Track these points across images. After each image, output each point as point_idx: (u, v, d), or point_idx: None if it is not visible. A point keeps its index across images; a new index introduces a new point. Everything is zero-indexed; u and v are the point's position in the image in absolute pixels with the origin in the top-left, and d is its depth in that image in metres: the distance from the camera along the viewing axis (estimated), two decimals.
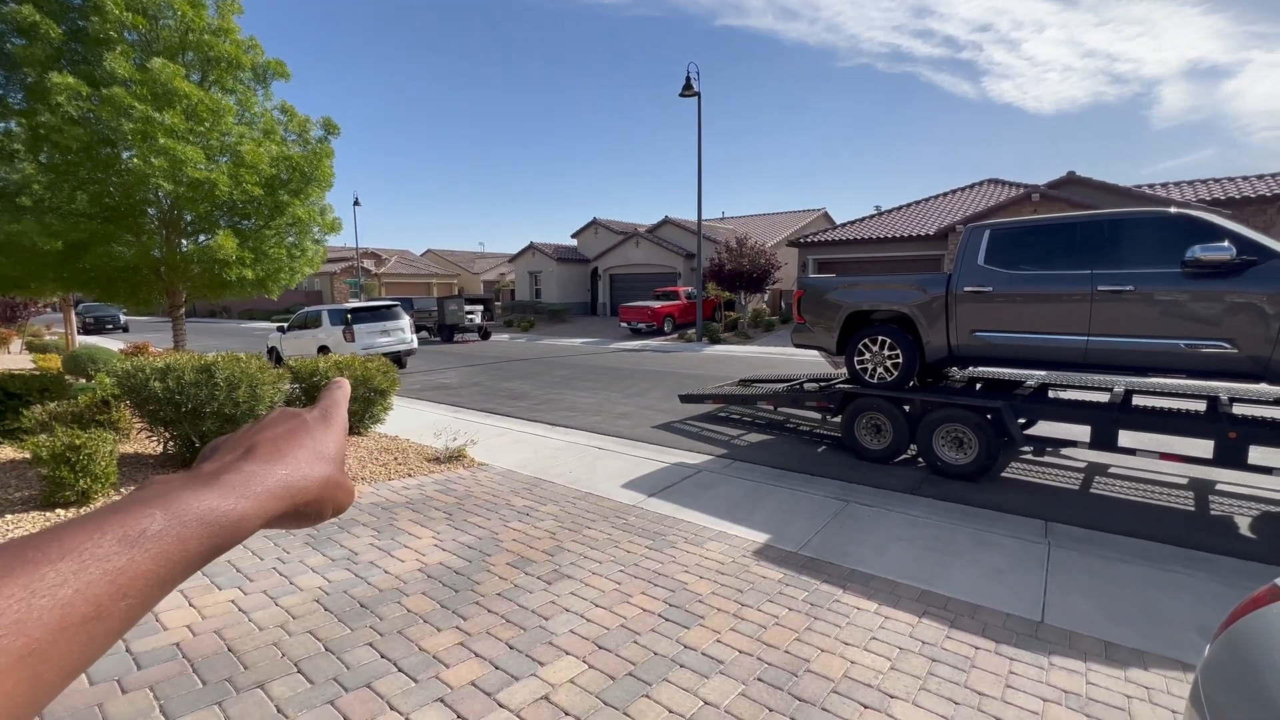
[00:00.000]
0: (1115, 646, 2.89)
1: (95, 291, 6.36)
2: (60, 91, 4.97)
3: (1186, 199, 16.83)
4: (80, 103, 5.16)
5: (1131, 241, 4.89)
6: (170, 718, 2.16)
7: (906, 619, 3.11)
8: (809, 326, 6.84)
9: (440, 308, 22.47)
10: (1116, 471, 5.85)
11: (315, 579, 3.33)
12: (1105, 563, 3.78)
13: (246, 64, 6.27)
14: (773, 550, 3.98)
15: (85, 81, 5.21)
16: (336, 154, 6.61)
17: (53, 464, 3.98)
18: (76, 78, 5.12)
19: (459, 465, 6.00)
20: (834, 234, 23.56)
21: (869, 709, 2.37)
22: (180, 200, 5.78)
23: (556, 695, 2.38)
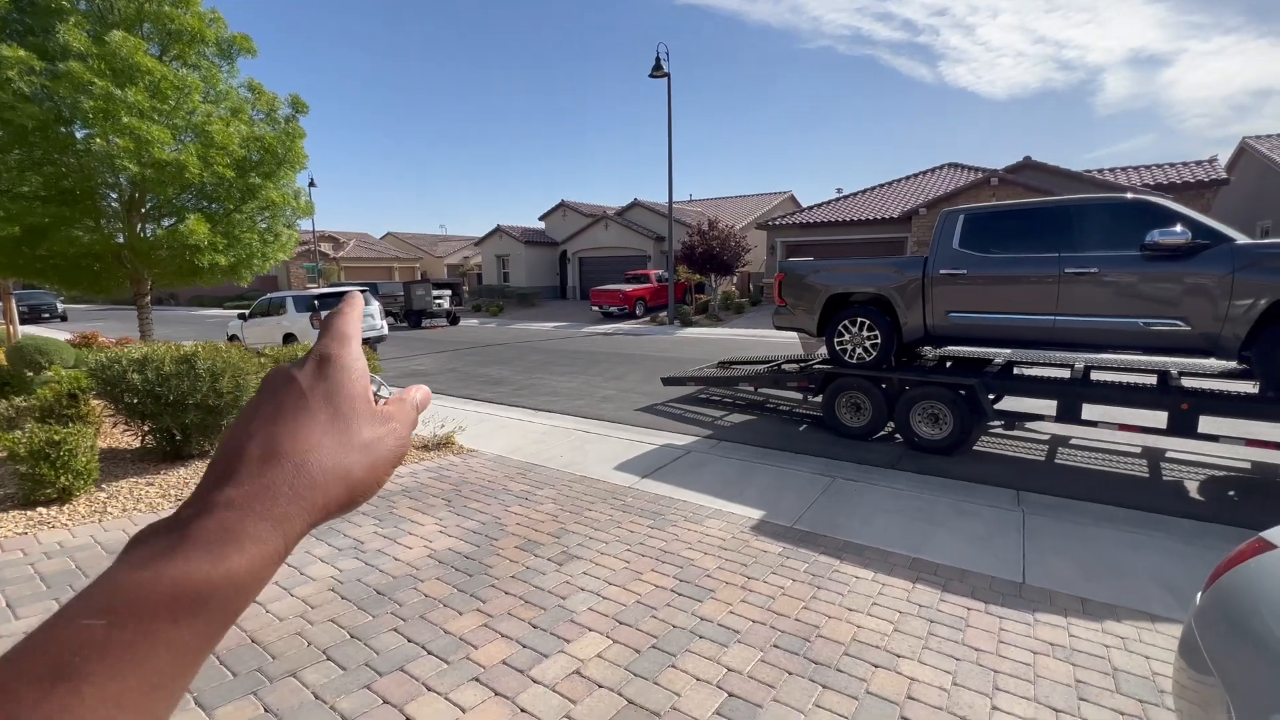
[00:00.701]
0: (1090, 602, 3.15)
1: (55, 279, 6.00)
2: (11, 65, 4.62)
3: (1132, 184, 17.70)
4: (33, 78, 4.83)
5: (1096, 226, 5.18)
6: (207, 709, 2.16)
7: (902, 585, 3.31)
8: (790, 309, 7.01)
9: (407, 292, 21.96)
10: (1078, 443, 6.24)
11: (326, 569, 3.32)
12: (1075, 527, 4.08)
13: (210, 38, 5.94)
14: (769, 525, 4.14)
15: (36, 55, 4.87)
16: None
17: (31, 461, 3.81)
18: (27, 50, 4.78)
19: (448, 452, 5.98)
20: (801, 217, 23.91)
21: (880, 668, 2.54)
22: (146, 183, 5.49)
23: (587, 669, 2.47)
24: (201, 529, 0.29)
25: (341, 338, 0.38)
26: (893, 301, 6.14)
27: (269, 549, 0.30)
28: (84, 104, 4.82)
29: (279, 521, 0.31)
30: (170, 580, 0.27)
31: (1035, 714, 2.28)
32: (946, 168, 24.29)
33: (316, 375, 0.36)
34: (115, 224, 6.11)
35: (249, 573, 0.29)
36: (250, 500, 0.31)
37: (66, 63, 4.84)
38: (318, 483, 0.33)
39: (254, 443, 0.33)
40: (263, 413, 0.34)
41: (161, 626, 0.26)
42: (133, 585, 0.27)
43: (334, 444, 0.34)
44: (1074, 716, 2.27)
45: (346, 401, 0.36)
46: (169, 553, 0.28)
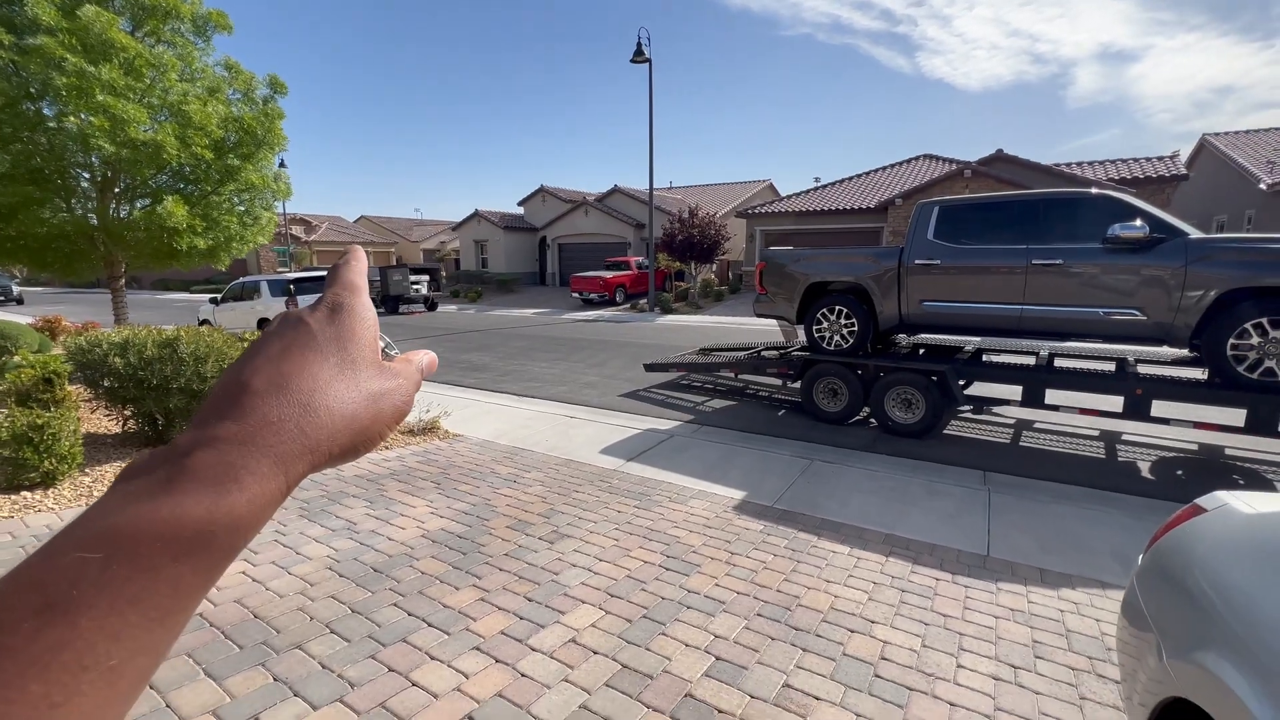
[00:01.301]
0: (1049, 572, 3.39)
1: (25, 260, 5.82)
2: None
3: (1099, 178, 18.26)
4: (1, 52, 4.68)
5: (1062, 219, 5.42)
6: (217, 679, 2.24)
7: (876, 558, 3.51)
8: (770, 297, 7.18)
9: (383, 278, 21.63)
10: (1041, 426, 6.56)
11: (321, 549, 3.39)
12: (1037, 504, 4.34)
13: (185, 14, 5.78)
14: (751, 505, 4.32)
15: (3, 28, 4.71)
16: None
17: (14, 445, 3.78)
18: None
19: (434, 437, 6.02)
20: (780, 205, 24.13)
21: (856, 632, 2.72)
22: (122, 163, 5.36)
23: (582, 638, 2.60)
24: (201, 463, 0.28)
25: (352, 286, 0.37)
26: (869, 290, 6.34)
27: (271, 488, 0.29)
28: (56, 80, 4.68)
29: (282, 460, 0.29)
30: (170, 516, 0.26)
31: (996, 670, 2.48)
32: (922, 159, 24.71)
33: (328, 319, 0.35)
34: (87, 205, 5.96)
35: (250, 511, 0.28)
36: (253, 435, 0.29)
37: (36, 37, 4.70)
38: (324, 424, 0.31)
39: (259, 377, 0.31)
40: (269, 350, 0.33)
41: (161, 562, 0.25)
42: (130, 519, 0.25)
43: (343, 388, 0.33)
44: (1030, 672, 2.48)
45: (357, 348, 0.35)
46: (167, 486, 0.27)
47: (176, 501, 0.26)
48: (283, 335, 0.34)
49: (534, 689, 2.26)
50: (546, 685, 2.28)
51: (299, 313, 0.35)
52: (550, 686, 2.28)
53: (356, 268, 0.38)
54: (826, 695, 2.29)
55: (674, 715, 2.15)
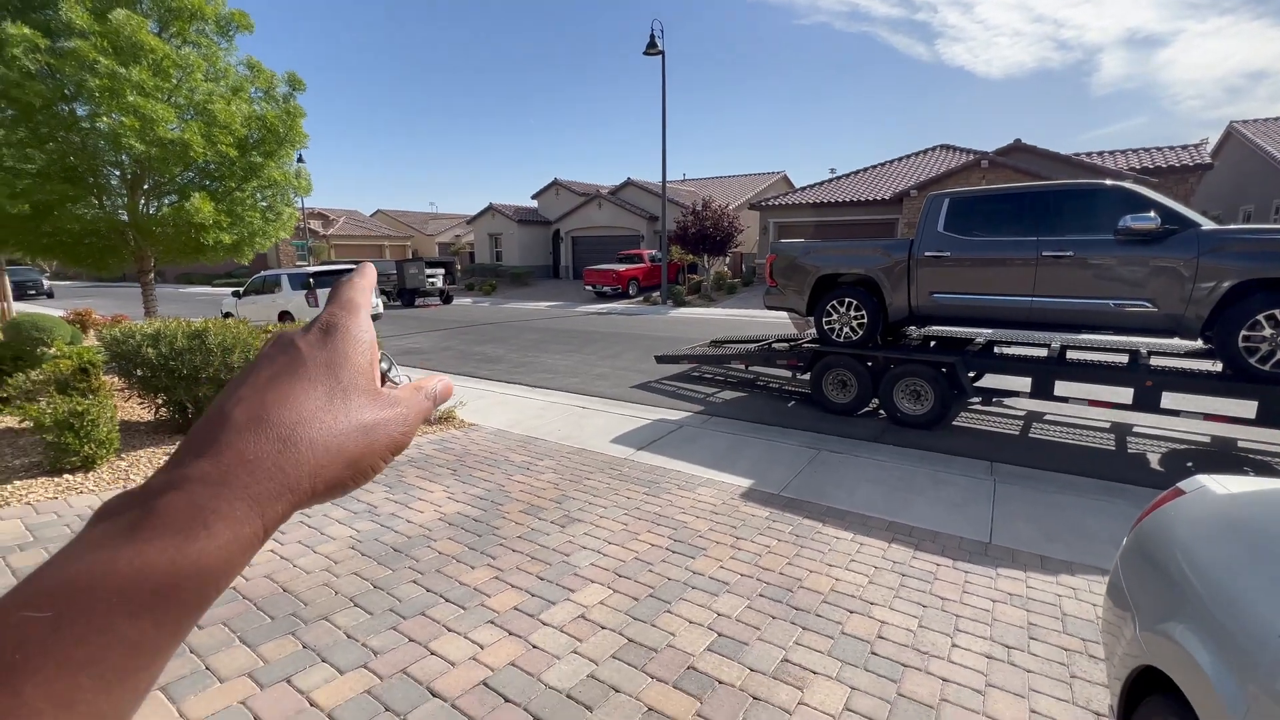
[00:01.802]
0: (1049, 559, 3.45)
1: (61, 256, 6.09)
2: (16, 43, 4.68)
3: (1119, 168, 17.93)
4: (38, 56, 4.89)
5: (1072, 211, 5.41)
6: (251, 646, 2.41)
7: (879, 544, 3.59)
8: (781, 289, 7.23)
9: (400, 271, 21.94)
10: (1051, 418, 6.56)
11: (344, 530, 3.56)
12: (1042, 494, 4.38)
13: (209, 15, 5.97)
14: (758, 493, 4.41)
15: (40, 32, 4.91)
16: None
17: (56, 430, 4.00)
18: (31, 28, 4.83)
19: (450, 426, 6.19)
20: (794, 197, 23.99)
21: (855, 613, 2.82)
22: (151, 161, 5.57)
23: (591, 614, 2.73)
24: (168, 506, 0.26)
25: (350, 306, 0.35)
26: (879, 282, 6.37)
27: (245, 532, 0.27)
28: (90, 82, 4.89)
29: (258, 501, 0.27)
30: (128, 567, 0.24)
31: (990, 650, 2.57)
32: (939, 149, 24.40)
33: (320, 343, 0.33)
34: (118, 201, 6.19)
35: (221, 560, 0.26)
36: (227, 475, 0.27)
37: (70, 40, 4.90)
38: (305, 461, 0.29)
39: (240, 409, 0.30)
40: (255, 378, 0.31)
41: (117, 620, 0.23)
42: (84, 572, 0.24)
43: (330, 420, 0.31)
44: (1023, 652, 2.56)
45: (349, 375, 0.32)
46: (129, 533, 0.25)
47: (137, 551, 0.24)
48: (273, 361, 0.32)
49: (545, 659, 2.39)
50: (556, 656, 2.42)
51: (291, 335, 0.33)
52: (560, 657, 2.41)
53: (359, 284, 0.36)
54: (823, 670, 2.39)
55: (677, 685, 2.27)
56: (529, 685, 2.24)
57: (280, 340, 0.34)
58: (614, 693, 2.21)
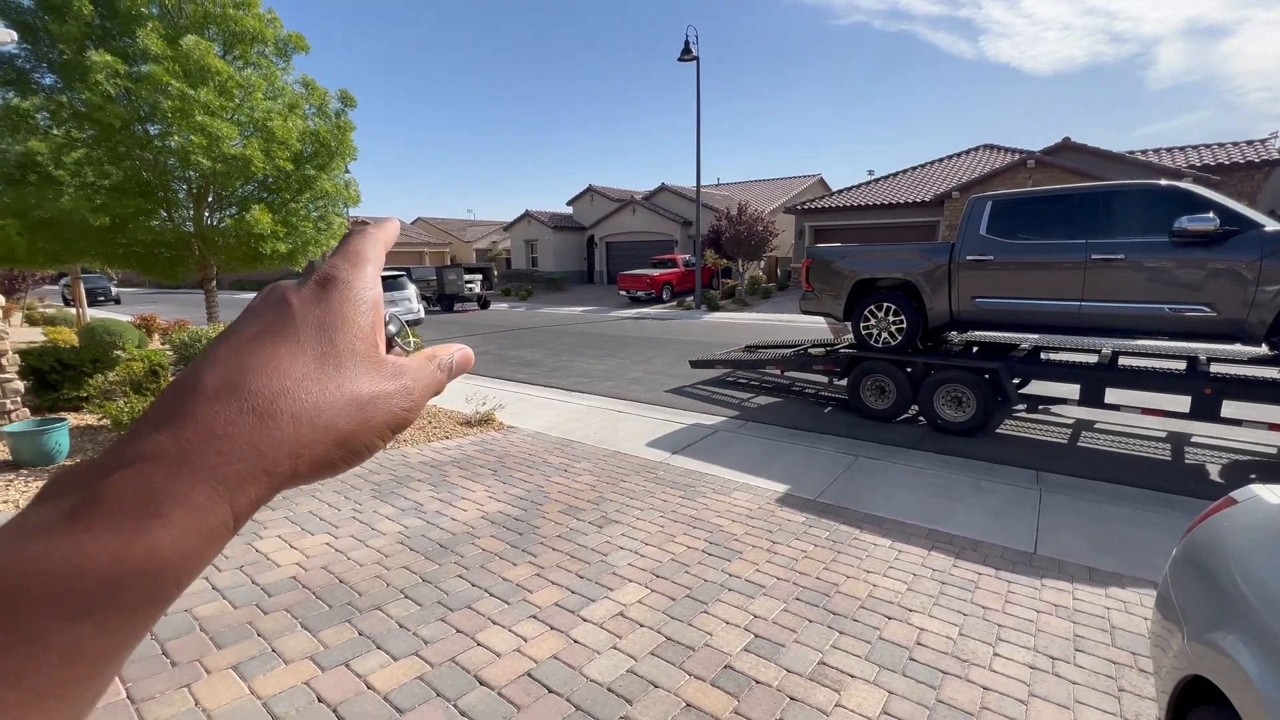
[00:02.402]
0: (1097, 571, 3.36)
1: (135, 265, 6.56)
2: (99, 70, 5.09)
3: (1178, 165, 17.12)
4: (118, 80, 5.29)
5: (1123, 212, 5.24)
6: (312, 631, 2.56)
7: (918, 552, 3.56)
8: (817, 294, 7.19)
9: (440, 277, 22.54)
10: (1102, 426, 6.33)
11: (393, 525, 3.72)
12: (1090, 505, 4.25)
13: (269, 38, 6.35)
14: (793, 498, 4.41)
15: (120, 59, 5.32)
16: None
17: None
18: (111, 55, 5.23)
19: (490, 428, 6.36)
20: (831, 201, 23.70)
21: (893, 619, 2.82)
22: (216, 176, 5.95)
23: (629, 612, 2.81)
24: (116, 489, 0.22)
25: (356, 258, 0.30)
26: (919, 287, 6.27)
27: (209, 520, 0.23)
28: (163, 104, 5.27)
29: (226, 484, 0.24)
30: (62, 562, 0.20)
31: (1033, 660, 2.53)
32: (982, 149, 23.75)
33: (315, 299, 0.29)
34: (185, 214, 6.61)
35: (178, 552, 0.22)
36: (190, 452, 0.23)
37: (146, 65, 5.29)
38: (286, 437, 0.25)
39: (214, 373, 0.26)
40: (236, 337, 0.27)
41: (48, 624, 0.20)
42: (8, 568, 0.20)
43: (319, 390, 0.27)
44: (1069, 663, 2.52)
45: (346, 338, 0.28)
46: (67, 521, 0.21)
47: (75, 543, 0.21)
48: (259, 316, 0.28)
49: (586, 654, 2.47)
50: (597, 651, 2.49)
51: (284, 288, 0.29)
52: (600, 652, 2.48)
53: (373, 234, 0.32)
54: (861, 674, 2.40)
55: (715, 683, 2.31)
56: (571, 678, 2.32)
57: (272, 293, 0.29)
58: (653, 688, 2.27)
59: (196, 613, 2.67)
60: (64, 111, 5.43)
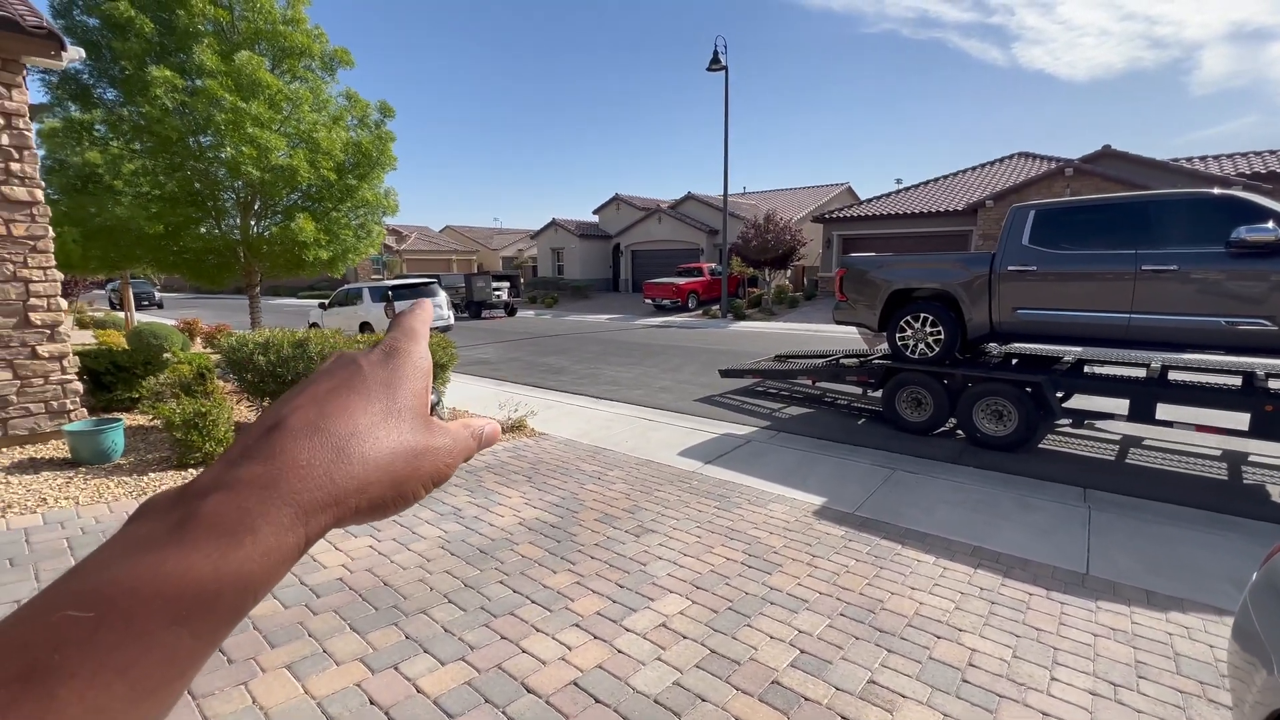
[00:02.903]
0: (1155, 594, 3.22)
1: (185, 271, 6.82)
2: (159, 84, 5.32)
3: (1225, 173, 16.55)
4: (175, 94, 5.52)
5: (1176, 222, 5.07)
6: (361, 633, 2.60)
7: (964, 569, 3.47)
8: (851, 304, 7.10)
9: (468, 284, 22.90)
10: (1151, 443, 6.11)
11: (434, 530, 3.77)
12: (1143, 524, 4.10)
13: (315, 53, 6.57)
14: (831, 511, 4.34)
15: (178, 74, 5.55)
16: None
17: (184, 429, 4.45)
18: (171, 70, 5.47)
19: (522, 434, 6.41)
20: (860, 209, 23.45)
21: (942, 639, 2.74)
22: (264, 186, 6.17)
23: (672, 623, 2.78)
24: (216, 508, 0.25)
25: (411, 333, 0.36)
26: (958, 297, 6.15)
27: (289, 541, 0.26)
28: (216, 117, 5.48)
29: (304, 510, 0.27)
30: (174, 571, 0.23)
31: (1094, 686, 2.43)
32: (1016, 157, 23.29)
33: (381, 363, 0.33)
34: (232, 222, 6.85)
35: (263, 568, 0.25)
36: (279, 479, 0.27)
37: (202, 80, 5.51)
38: (356, 474, 0.29)
39: (297, 416, 0.29)
40: (314, 389, 0.31)
41: (157, 627, 0.22)
42: (128, 574, 0.23)
43: (384, 437, 0.30)
44: (1132, 690, 2.42)
45: (405, 397, 0.33)
46: (175, 535, 0.24)
47: (183, 554, 0.24)
48: (332, 375, 0.33)
49: (630, 664, 2.46)
50: (641, 662, 2.48)
51: (353, 354, 0.34)
52: (645, 663, 2.47)
53: (420, 315, 0.38)
54: (913, 694, 2.34)
55: (762, 699, 2.28)
56: (617, 688, 2.31)
57: (342, 357, 0.34)
58: (700, 701, 2.25)
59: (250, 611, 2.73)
60: (124, 124, 5.68)
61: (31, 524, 3.65)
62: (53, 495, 4.06)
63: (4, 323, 4.71)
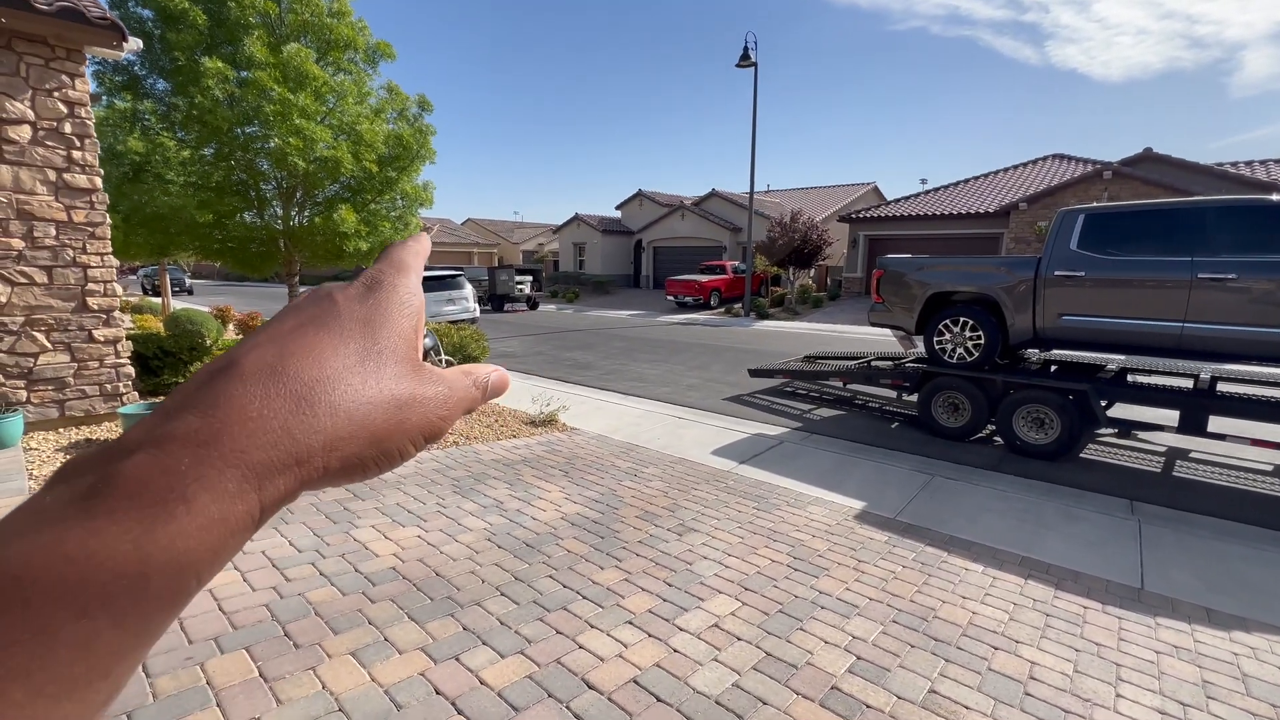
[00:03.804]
0: (1216, 613, 3.14)
1: (229, 259, 6.96)
2: (211, 75, 5.42)
3: (1274, 178, 16.03)
4: (226, 85, 5.62)
5: (1235, 229, 4.93)
6: (419, 622, 2.63)
7: (1014, 580, 3.41)
8: (887, 306, 7.01)
9: (491, 278, 23.05)
10: (1199, 456, 5.95)
11: (478, 522, 3.80)
12: (1197, 540, 4.00)
13: (359, 45, 6.64)
14: (872, 516, 4.30)
15: (229, 65, 5.65)
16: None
17: None
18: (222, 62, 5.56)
19: (554, 429, 6.44)
20: (887, 210, 23.14)
21: (1000, 650, 2.70)
22: (309, 177, 6.26)
23: (724, 624, 2.78)
24: (139, 471, 0.21)
25: (400, 265, 0.31)
26: (1000, 302, 6.04)
27: (235, 510, 0.21)
28: (265, 108, 5.57)
29: (256, 472, 0.22)
30: (78, 550, 0.19)
31: (1162, 705, 2.38)
32: (1051, 159, 22.79)
33: (360, 298, 0.28)
34: (274, 212, 6.96)
35: (203, 544, 0.21)
36: (220, 433, 0.22)
37: (252, 71, 5.60)
38: (322, 427, 0.24)
39: (251, 356, 0.24)
40: (277, 326, 0.27)
41: (61, 618, 0.18)
42: (20, 556, 0.19)
43: (359, 384, 0.26)
44: (1202, 711, 2.36)
45: (389, 337, 0.28)
46: (84, 505, 0.20)
47: (92, 530, 0.19)
48: (301, 309, 0.28)
49: (688, 664, 2.46)
50: (699, 662, 2.48)
51: (329, 287, 0.29)
52: (702, 664, 2.47)
53: (412, 247, 0.33)
54: (976, 706, 2.31)
55: (823, 704, 2.27)
56: (677, 688, 2.31)
57: (316, 292, 0.29)
58: (762, 704, 2.24)
59: (310, 597, 2.79)
60: (176, 114, 5.80)
61: None
62: None
63: (63, 307, 4.85)
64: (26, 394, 4.84)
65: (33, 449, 4.64)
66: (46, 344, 4.85)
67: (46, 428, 4.98)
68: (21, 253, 4.66)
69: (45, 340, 4.84)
